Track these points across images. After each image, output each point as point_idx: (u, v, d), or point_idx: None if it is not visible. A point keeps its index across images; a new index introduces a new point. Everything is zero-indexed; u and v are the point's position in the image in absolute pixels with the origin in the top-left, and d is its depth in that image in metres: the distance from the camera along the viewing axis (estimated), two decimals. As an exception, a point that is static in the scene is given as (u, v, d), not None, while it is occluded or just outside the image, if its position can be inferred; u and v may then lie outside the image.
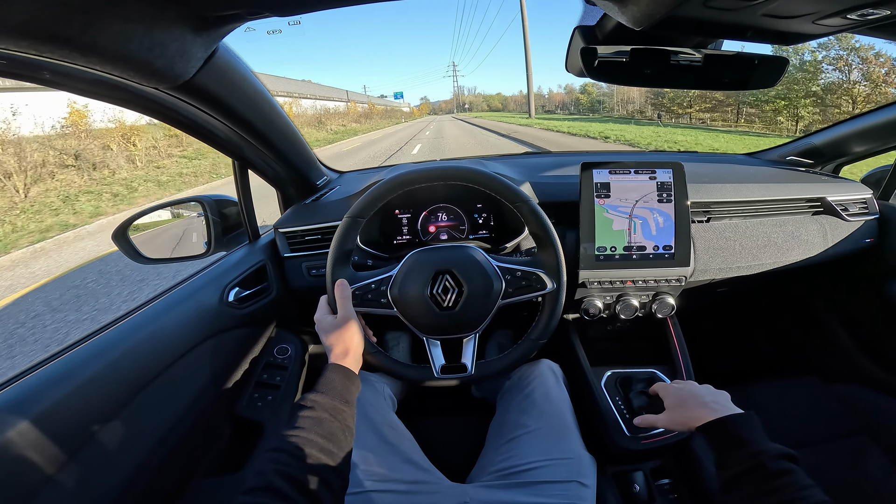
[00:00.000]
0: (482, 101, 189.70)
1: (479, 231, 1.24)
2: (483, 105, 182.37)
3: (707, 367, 1.21)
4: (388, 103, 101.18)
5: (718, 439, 0.61)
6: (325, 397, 0.62)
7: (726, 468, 0.57)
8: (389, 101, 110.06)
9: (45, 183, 9.28)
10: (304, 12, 0.57)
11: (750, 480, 0.53)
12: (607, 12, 0.64)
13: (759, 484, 0.52)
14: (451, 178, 0.85)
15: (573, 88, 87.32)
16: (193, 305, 0.93)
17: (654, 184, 1.01)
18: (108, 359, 0.73)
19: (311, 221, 1.15)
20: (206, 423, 0.93)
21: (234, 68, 0.74)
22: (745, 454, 0.56)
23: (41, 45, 0.42)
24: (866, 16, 0.53)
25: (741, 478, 0.54)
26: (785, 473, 0.52)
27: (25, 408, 0.61)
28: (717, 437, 0.62)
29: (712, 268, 1.12)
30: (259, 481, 0.49)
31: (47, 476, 0.60)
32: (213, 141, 0.90)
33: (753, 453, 0.55)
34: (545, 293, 0.84)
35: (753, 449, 0.56)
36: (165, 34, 0.50)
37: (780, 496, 0.50)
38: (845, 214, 1.21)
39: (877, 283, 1.28)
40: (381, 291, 0.82)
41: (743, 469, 0.54)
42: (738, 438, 0.58)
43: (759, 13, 0.54)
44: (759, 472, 0.53)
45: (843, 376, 1.32)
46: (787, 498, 0.49)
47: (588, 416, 0.99)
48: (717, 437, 0.62)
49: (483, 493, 0.75)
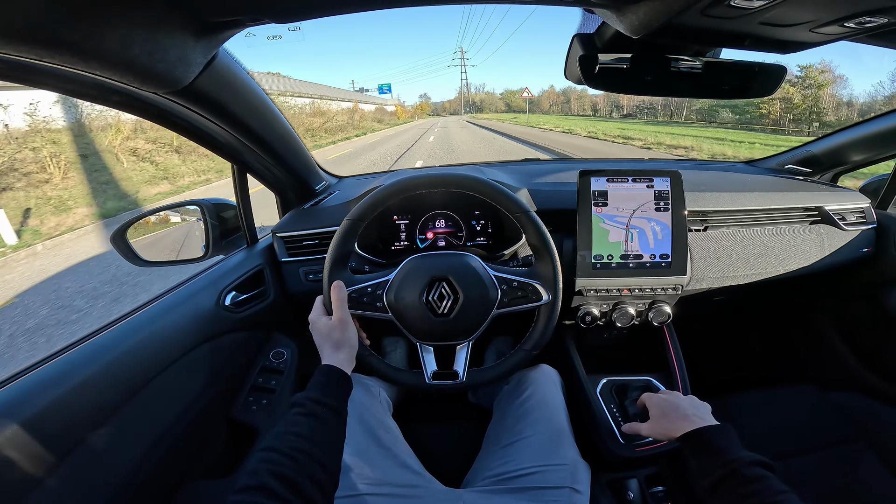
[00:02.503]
0: (498, 101, 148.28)
1: (477, 238, 1.24)
2: (498, 104, 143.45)
3: (703, 375, 1.21)
4: (369, 99, 70.38)
5: (696, 448, 0.65)
6: (317, 397, 0.62)
7: (704, 476, 0.60)
8: (372, 96, 79.07)
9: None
10: (305, 19, 0.57)
11: (727, 486, 0.56)
12: (606, 20, 0.64)
13: (736, 489, 0.55)
14: (451, 185, 0.85)
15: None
16: (190, 309, 0.93)
17: (651, 192, 1.01)
18: (104, 361, 0.73)
19: (310, 226, 1.15)
20: (202, 427, 0.93)
21: (234, 73, 0.75)
22: (721, 461, 0.59)
23: (43, 50, 0.43)
24: (864, 24, 0.53)
25: (718, 485, 0.57)
26: (759, 479, 0.54)
27: (18, 410, 0.61)
28: (695, 447, 0.65)
29: (709, 277, 1.12)
30: (251, 480, 0.49)
31: (39, 478, 0.60)
32: (212, 145, 0.90)
33: (728, 460, 0.58)
34: (540, 304, 0.84)
35: (728, 457, 0.59)
36: (167, 39, 0.51)
37: (755, 500, 0.52)
38: (843, 224, 1.21)
39: (874, 292, 1.28)
40: (377, 295, 0.82)
41: (719, 476, 0.57)
42: (715, 447, 0.62)
43: (757, 21, 0.54)
44: (734, 478, 0.56)
45: (839, 384, 1.32)
46: (762, 502, 0.52)
47: (583, 423, 0.99)
48: (695, 447, 0.65)
49: (477, 498, 0.75)
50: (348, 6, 0.57)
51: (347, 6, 0.57)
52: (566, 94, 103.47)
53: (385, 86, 78.77)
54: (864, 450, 1.11)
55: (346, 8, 0.58)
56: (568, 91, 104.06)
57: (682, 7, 0.49)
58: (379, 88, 78.90)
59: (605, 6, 0.58)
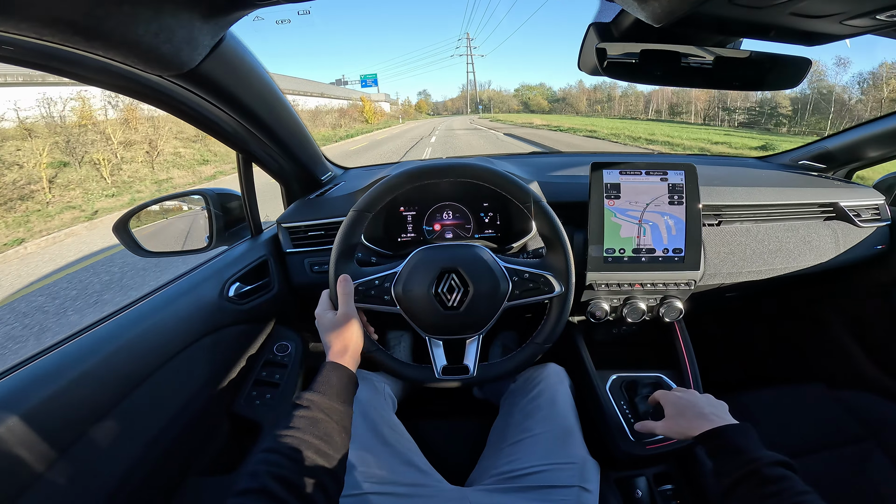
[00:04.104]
0: (510, 99, 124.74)
1: (485, 230, 1.22)
2: (510, 102, 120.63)
3: (713, 372, 1.19)
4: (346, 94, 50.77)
5: (716, 448, 0.63)
6: (321, 397, 0.60)
7: (724, 475, 0.59)
8: (352, 90, 59.23)
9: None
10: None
11: (746, 486, 0.55)
12: (626, 9, 0.61)
13: (756, 489, 0.54)
14: (461, 175, 0.83)
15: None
16: (193, 300, 0.91)
17: (665, 185, 0.99)
18: (104, 353, 0.71)
19: (315, 217, 1.14)
20: (204, 421, 0.91)
21: (242, 58, 0.72)
22: (742, 461, 0.58)
23: (42, 28, 0.41)
24: (895, 17, 0.51)
25: (738, 484, 0.56)
26: (781, 479, 0.54)
27: (16, 403, 0.59)
28: (715, 446, 0.64)
29: (722, 272, 1.10)
30: (252, 483, 0.48)
31: (38, 473, 0.59)
32: (217, 133, 0.88)
33: (749, 460, 0.57)
34: (553, 296, 0.82)
35: (749, 456, 0.58)
36: (173, 19, 0.49)
37: (775, 500, 0.52)
38: (857, 220, 1.20)
39: (887, 290, 1.26)
40: (384, 288, 0.81)
41: (740, 475, 0.56)
42: (735, 447, 0.60)
43: (787, 12, 0.52)
44: (755, 477, 0.55)
45: (850, 383, 1.31)
46: (783, 503, 0.51)
47: (592, 420, 0.97)
48: (715, 446, 0.64)
49: (484, 497, 0.74)
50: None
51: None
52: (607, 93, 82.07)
53: (370, 77, 63.61)
54: (873, 448, 1.10)
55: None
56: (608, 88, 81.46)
57: (709, -5, 0.47)
58: (362, 80, 62.86)
59: None
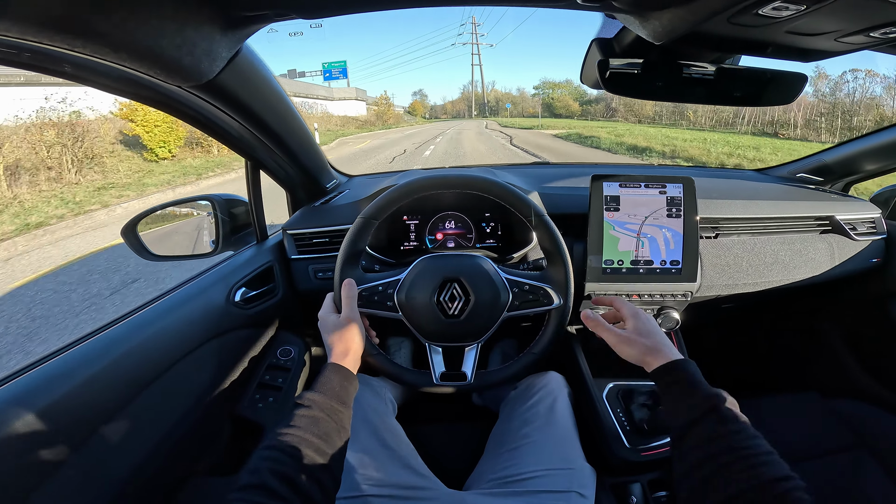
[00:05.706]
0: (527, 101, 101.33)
1: (487, 240, 1.24)
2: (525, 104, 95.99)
3: (709, 380, 1.20)
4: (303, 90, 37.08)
5: (672, 382, 0.62)
6: (322, 397, 0.61)
7: (680, 413, 0.58)
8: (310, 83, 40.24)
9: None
10: (329, 15, 0.57)
11: (704, 424, 0.54)
12: (627, 26, 0.64)
13: (717, 426, 0.53)
14: (465, 187, 0.85)
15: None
16: (201, 304, 0.93)
17: (663, 198, 1.01)
18: (114, 356, 0.73)
19: (320, 224, 1.16)
20: (208, 424, 0.93)
21: (256, 69, 0.75)
22: (699, 398, 0.57)
23: (75, 40, 0.43)
24: (888, 34, 0.53)
25: (696, 423, 0.55)
26: (737, 418, 0.54)
27: (27, 404, 0.60)
28: (672, 380, 0.63)
29: (719, 284, 1.12)
30: (252, 479, 0.49)
31: (47, 472, 0.60)
32: (227, 140, 0.91)
33: (706, 396, 0.57)
34: (551, 308, 0.83)
35: (706, 392, 0.58)
36: (195, 33, 0.51)
37: (729, 441, 0.51)
38: (853, 233, 1.21)
39: (882, 302, 1.27)
40: (387, 294, 0.82)
41: (702, 412, 0.56)
42: (692, 382, 0.60)
43: (784, 30, 0.54)
44: (714, 414, 0.55)
45: (844, 392, 1.32)
46: (735, 444, 0.51)
47: (588, 428, 0.98)
48: (672, 380, 0.63)
49: (481, 501, 0.75)
50: (372, 4, 0.57)
51: (371, 4, 0.58)
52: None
53: (333, 66, 38.65)
54: (866, 457, 1.11)
55: (370, 6, 0.58)
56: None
57: (708, 15, 0.49)
58: (324, 71, 38.90)
59: (628, 11, 0.58)
